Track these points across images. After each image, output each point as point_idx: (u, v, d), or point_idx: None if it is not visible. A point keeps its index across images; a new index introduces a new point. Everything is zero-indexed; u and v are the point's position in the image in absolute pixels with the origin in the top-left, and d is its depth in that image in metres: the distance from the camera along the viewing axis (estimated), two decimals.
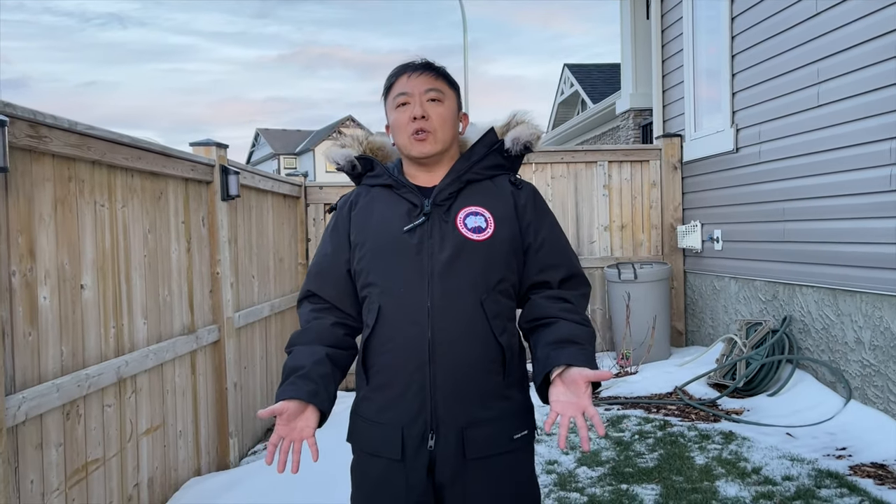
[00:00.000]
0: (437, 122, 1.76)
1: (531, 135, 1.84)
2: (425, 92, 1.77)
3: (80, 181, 2.86)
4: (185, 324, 3.85)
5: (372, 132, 1.96)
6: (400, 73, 1.81)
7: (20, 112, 2.39)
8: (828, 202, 4.56)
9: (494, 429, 1.72)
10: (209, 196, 4.20)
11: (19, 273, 2.45)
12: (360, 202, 1.84)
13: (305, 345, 1.78)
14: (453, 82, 1.84)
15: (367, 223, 1.80)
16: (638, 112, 8.88)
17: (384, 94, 1.84)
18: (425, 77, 1.78)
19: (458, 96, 1.86)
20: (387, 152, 1.93)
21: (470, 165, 1.80)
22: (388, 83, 1.83)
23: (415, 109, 1.75)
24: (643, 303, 6.02)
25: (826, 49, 4.49)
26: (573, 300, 1.78)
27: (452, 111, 1.81)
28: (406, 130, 1.77)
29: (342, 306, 1.82)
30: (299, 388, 1.67)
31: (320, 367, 1.72)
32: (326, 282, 1.83)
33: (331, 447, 4.15)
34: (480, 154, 1.82)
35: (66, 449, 2.69)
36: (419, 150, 1.77)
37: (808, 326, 4.82)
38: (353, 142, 1.89)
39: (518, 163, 1.89)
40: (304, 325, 1.84)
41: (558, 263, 1.79)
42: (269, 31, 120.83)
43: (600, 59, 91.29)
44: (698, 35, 6.41)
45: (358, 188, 1.89)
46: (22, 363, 2.45)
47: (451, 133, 1.80)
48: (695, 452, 3.92)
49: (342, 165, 1.88)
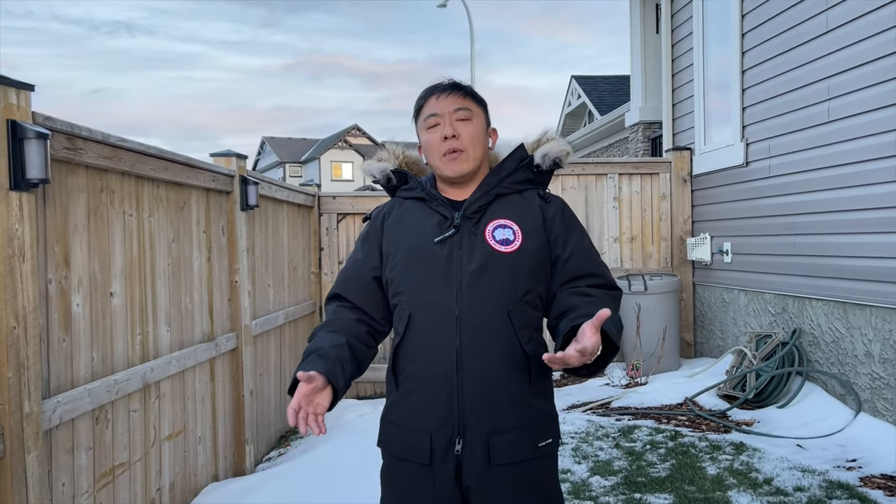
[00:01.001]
0: (468, 140, 1.83)
1: (561, 151, 1.90)
2: (454, 111, 1.83)
3: (111, 192, 2.94)
4: (206, 331, 3.92)
5: (407, 147, 2.03)
6: (428, 94, 1.88)
7: (59, 125, 2.47)
8: (838, 216, 4.62)
9: (519, 436, 1.78)
10: (229, 206, 4.27)
11: (55, 281, 2.53)
12: (393, 213, 1.91)
13: (328, 332, 1.82)
14: (481, 100, 1.91)
15: (399, 234, 1.87)
16: (647, 125, 8.95)
17: (414, 116, 1.91)
18: (453, 97, 1.85)
19: (487, 113, 1.92)
20: (421, 167, 2.00)
21: (500, 180, 1.86)
22: (418, 105, 1.90)
23: (445, 129, 1.82)
24: (653, 314, 6.07)
25: (837, 66, 4.56)
26: (598, 296, 1.80)
27: (481, 128, 1.87)
28: (438, 150, 1.84)
29: (367, 309, 1.88)
30: (317, 365, 1.69)
31: (339, 350, 1.76)
32: (354, 286, 1.90)
33: (343, 454, 4.21)
34: (510, 168, 1.88)
35: (95, 453, 2.76)
36: (453, 170, 1.84)
37: (818, 339, 4.87)
38: (390, 156, 1.96)
39: (548, 178, 1.95)
40: (328, 318, 1.89)
41: (587, 273, 1.84)
42: (275, 40, 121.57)
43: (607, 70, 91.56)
44: (708, 49, 6.49)
45: (392, 200, 1.96)
46: (56, 368, 2.52)
47: (482, 150, 1.87)
48: (706, 463, 3.97)
49: (378, 178, 1.95)
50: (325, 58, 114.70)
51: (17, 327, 2.24)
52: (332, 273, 6.67)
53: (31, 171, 2.24)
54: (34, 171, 2.24)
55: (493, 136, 1.94)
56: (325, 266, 6.68)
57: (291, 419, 1.61)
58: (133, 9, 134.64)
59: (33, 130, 2.24)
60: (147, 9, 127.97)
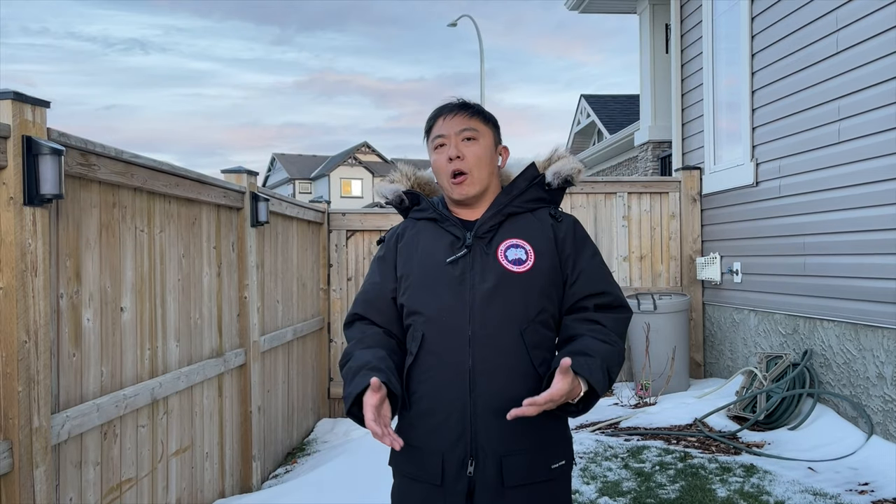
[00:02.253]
0: (473, 162, 1.83)
1: (572, 169, 1.91)
2: (459, 132, 1.85)
3: (123, 207, 2.96)
4: (214, 347, 3.92)
5: (418, 167, 2.04)
6: (437, 115, 1.90)
7: (73, 141, 2.50)
8: (849, 237, 4.60)
9: (532, 457, 1.77)
10: (239, 222, 4.30)
11: (66, 295, 2.54)
12: (406, 235, 1.92)
13: (365, 348, 1.82)
14: (489, 118, 1.91)
15: (412, 255, 1.87)
16: (657, 144, 8.96)
17: (425, 135, 1.93)
18: (459, 118, 1.86)
19: (496, 132, 1.92)
20: (433, 187, 2.01)
21: (511, 199, 1.87)
22: (428, 126, 1.92)
23: (450, 150, 1.83)
24: (662, 334, 6.04)
25: (847, 87, 4.56)
26: (605, 322, 1.81)
27: (488, 148, 1.87)
28: (445, 172, 1.85)
29: (391, 328, 1.89)
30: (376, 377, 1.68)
31: (386, 361, 1.77)
32: (376, 308, 1.90)
33: (350, 472, 4.19)
34: (521, 187, 1.89)
35: (103, 468, 2.76)
36: (458, 193, 1.85)
37: (830, 360, 4.83)
38: (402, 177, 1.98)
39: (559, 196, 1.95)
40: (357, 337, 1.88)
41: (596, 292, 1.84)
42: (287, 58, 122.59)
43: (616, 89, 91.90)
44: (718, 69, 6.51)
45: (405, 221, 1.97)
46: (66, 383, 2.53)
47: (488, 170, 1.87)
48: (716, 485, 3.92)
49: (391, 199, 1.96)
50: (337, 76, 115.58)
51: (28, 342, 2.25)
52: (340, 290, 6.68)
53: (45, 187, 2.26)
54: (48, 186, 2.27)
55: (504, 155, 1.95)
56: (334, 282, 6.69)
57: (377, 430, 1.60)
58: (147, 27, 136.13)
59: (48, 146, 2.27)
60: (161, 27, 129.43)
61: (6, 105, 2.21)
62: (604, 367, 1.72)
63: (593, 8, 9.18)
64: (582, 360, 1.69)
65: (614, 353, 1.77)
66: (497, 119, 1.95)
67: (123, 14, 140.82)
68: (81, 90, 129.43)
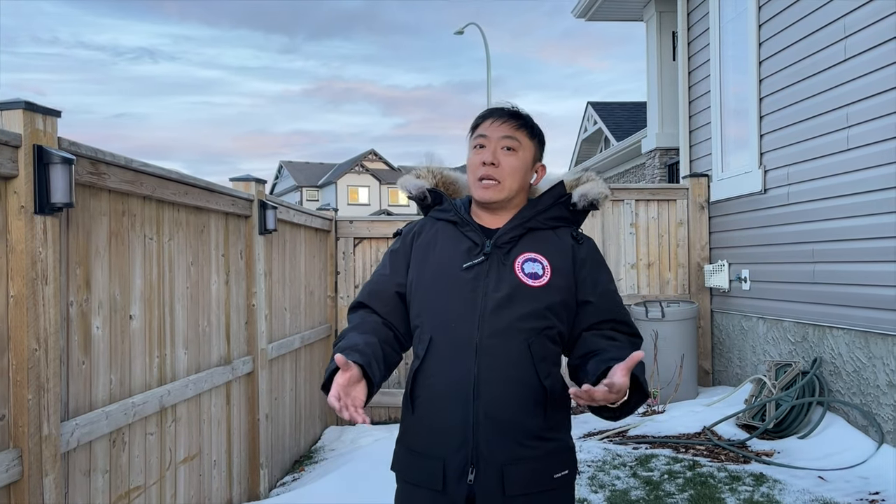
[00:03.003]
0: (507, 172, 1.82)
1: (599, 193, 1.89)
2: (502, 139, 1.83)
3: (132, 215, 2.97)
4: (222, 355, 3.93)
5: (445, 166, 2.04)
6: (487, 116, 1.88)
7: (83, 150, 2.51)
8: (858, 245, 4.58)
9: (535, 467, 1.76)
10: (247, 230, 4.31)
11: (76, 303, 2.55)
12: (423, 233, 1.91)
13: (359, 333, 1.80)
14: (536, 134, 1.89)
15: (427, 256, 1.86)
16: (664, 151, 8.95)
17: (470, 131, 1.91)
18: (507, 126, 1.84)
19: (539, 148, 1.90)
20: (458, 187, 2.00)
21: (535, 213, 1.86)
22: (475, 123, 1.90)
23: (486, 155, 1.82)
24: (670, 341, 6.02)
25: (855, 94, 4.55)
26: (622, 340, 1.81)
27: (525, 162, 1.85)
28: (475, 173, 1.84)
29: (392, 321, 1.87)
30: (353, 357, 1.67)
31: (373, 347, 1.75)
32: (379, 298, 1.90)
33: (358, 479, 4.18)
34: (546, 204, 1.87)
35: (112, 476, 2.76)
36: (482, 195, 1.84)
37: (839, 369, 4.80)
38: (429, 174, 1.97)
39: (582, 217, 1.93)
40: (356, 322, 1.87)
41: (612, 318, 1.84)
42: (294, 66, 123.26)
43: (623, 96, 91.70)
44: (725, 76, 6.50)
45: (423, 219, 1.96)
46: (75, 390, 2.54)
47: (520, 183, 1.85)
48: (725, 494, 3.90)
49: (414, 195, 1.95)
50: (344, 83, 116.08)
51: (38, 349, 2.26)
52: (348, 297, 6.68)
53: (56, 196, 2.28)
54: (59, 195, 2.28)
55: (541, 172, 1.92)
56: (342, 290, 6.70)
57: (335, 404, 1.58)
58: (156, 36, 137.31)
59: (59, 155, 2.28)
60: (170, 35, 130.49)
61: (18, 115, 2.23)
62: (644, 371, 1.71)
63: (600, 15, 9.19)
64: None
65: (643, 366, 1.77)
66: (544, 136, 1.92)
67: (133, 23, 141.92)
68: (91, 99, 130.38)
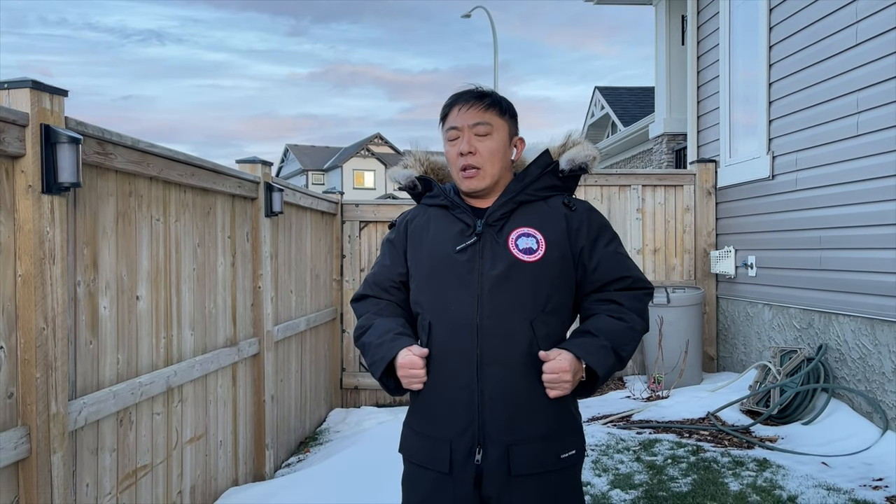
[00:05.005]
0: (485, 157, 1.81)
1: (587, 156, 1.88)
2: (473, 126, 1.82)
3: (139, 196, 2.98)
4: (228, 336, 3.95)
5: (431, 153, 2.03)
6: (452, 103, 1.86)
7: (90, 130, 2.51)
8: (866, 231, 4.55)
9: (541, 447, 1.76)
10: (253, 212, 4.31)
11: (83, 283, 2.56)
12: (417, 221, 1.92)
13: (385, 318, 1.87)
14: (506, 110, 1.87)
15: (421, 242, 1.87)
16: (671, 136, 8.90)
17: (440, 122, 1.90)
18: (474, 110, 1.82)
19: (512, 123, 1.89)
20: (447, 172, 2.00)
21: (523, 187, 1.84)
22: (443, 113, 1.89)
23: (462, 145, 1.81)
24: (675, 327, 6.02)
25: (866, 79, 4.51)
26: (622, 300, 1.82)
27: (501, 142, 1.84)
28: (456, 165, 1.84)
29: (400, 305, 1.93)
30: (407, 341, 1.79)
31: (408, 329, 1.85)
32: (382, 289, 1.93)
33: (362, 461, 4.21)
34: (534, 175, 1.86)
35: (119, 454, 2.78)
36: (467, 186, 1.84)
37: (845, 356, 4.79)
38: (416, 162, 1.97)
39: (573, 183, 1.92)
40: (372, 311, 1.91)
41: (616, 277, 1.83)
42: (302, 49, 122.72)
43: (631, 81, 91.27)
44: (734, 61, 6.45)
45: (416, 207, 1.97)
46: (83, 370, 2.56)
47: (501, 164, 1.84)
48: (729, 479, 3.91)
49: (404, 184, 1.95)
50: (351, 67, 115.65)
51: (45, 328, 2.28)
52: (353, 280, 6.70)
53: (63, 175, 2.28)
54: (66, 174, 2.28)
55: (520, 146, 1.91)
56: (347, 273, 6.71)
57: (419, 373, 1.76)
58: (164, 18, 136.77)
59: (66, 135, 2.28)
60: (178, 18, 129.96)
61: (25, 94, 2.22)
62: (608, 345, 1.74)
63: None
64: (580, 340, 1.74)
65: (627, 329, 1.78)
66: (514, 108, 1.91)
67: (141, 5, 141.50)
68: (98, 81, 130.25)
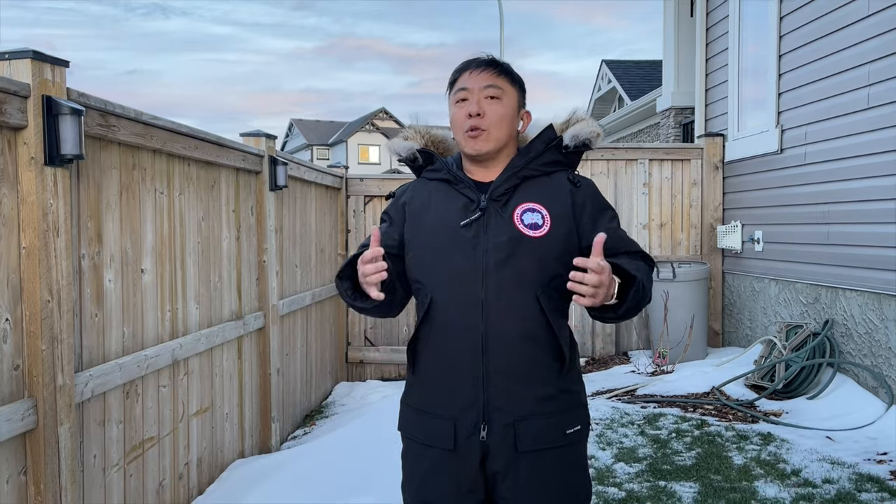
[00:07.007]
0: (493, 120, 1.78)
1: (591, 132, 1.84)
2: (484, 88, 1.78)
3: (143, 169, 2.96)
4: (234, 310, 3.95)
5: (432, 126, 2.00)
6: (464, 68, 1.83)
7: (93, 102, 2.49)
8: (874, 206, 4.51)
9: (547, 423, 1.75)
10: (258, 186, 4.29)
11: (88, 256, 2.56)
12: (417, 195, 1.87)
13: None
14: (517, 79, 1.85)
15: (422, 217, 1.83)
16: (679, 110, 8.81)
17: (448, 88, 1.87)
18: (486, 74, 1.80)
19: (521, 94, 1.86)
20: (448, 145, 1.96)
21: (527, 161, 1.81)
22: (452, 78, 1.85)
23: (471, 107, 1.78)
24: (681, 302, 6.01)
25: (878, 51, 4.44)
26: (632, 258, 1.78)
27: (511, 109, 1.81)
28: (462, 127, 1.80)
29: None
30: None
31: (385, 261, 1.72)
32: None
33: (368, 434, 4.23)
34: (538, 150, 1.83)
35: (126, 426, 2.80)
36: (472, 147, 1.80)
37: (851, 330, 4.78)
38: (416, 135, 1.93)
39: (577, 159, 1.89)
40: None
41: (621, 250, 1.80)
42: (307, 23, 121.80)
43: (638, 55, 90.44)
44: (744, 34, 6.35)
45: (416, 181, 1.92)
46: (89, 342, 2.56)
47: (507, 131, 1.81)
48: (733, 452, 3.92)
49: (404, 157, 1.92)
50: (357, 41, 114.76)
51: (50, 301, 2.28)
52: None
53: (66, 147, 2.26)
54: (68, 146, 2.27)
55: (526, 120, 1.88)
56: (352, 248, 6.70)
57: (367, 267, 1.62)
58: None
59: (68, 106, 2.26)
60: None
61: (26, 64, 2.20)
62: (640, 273, 1.68)
63: None
64: (613, 261, 1.67)
65: (647, 272, 1.74)
66: (524, 82, 1.89)
67: None
68: (103, 55, 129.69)
